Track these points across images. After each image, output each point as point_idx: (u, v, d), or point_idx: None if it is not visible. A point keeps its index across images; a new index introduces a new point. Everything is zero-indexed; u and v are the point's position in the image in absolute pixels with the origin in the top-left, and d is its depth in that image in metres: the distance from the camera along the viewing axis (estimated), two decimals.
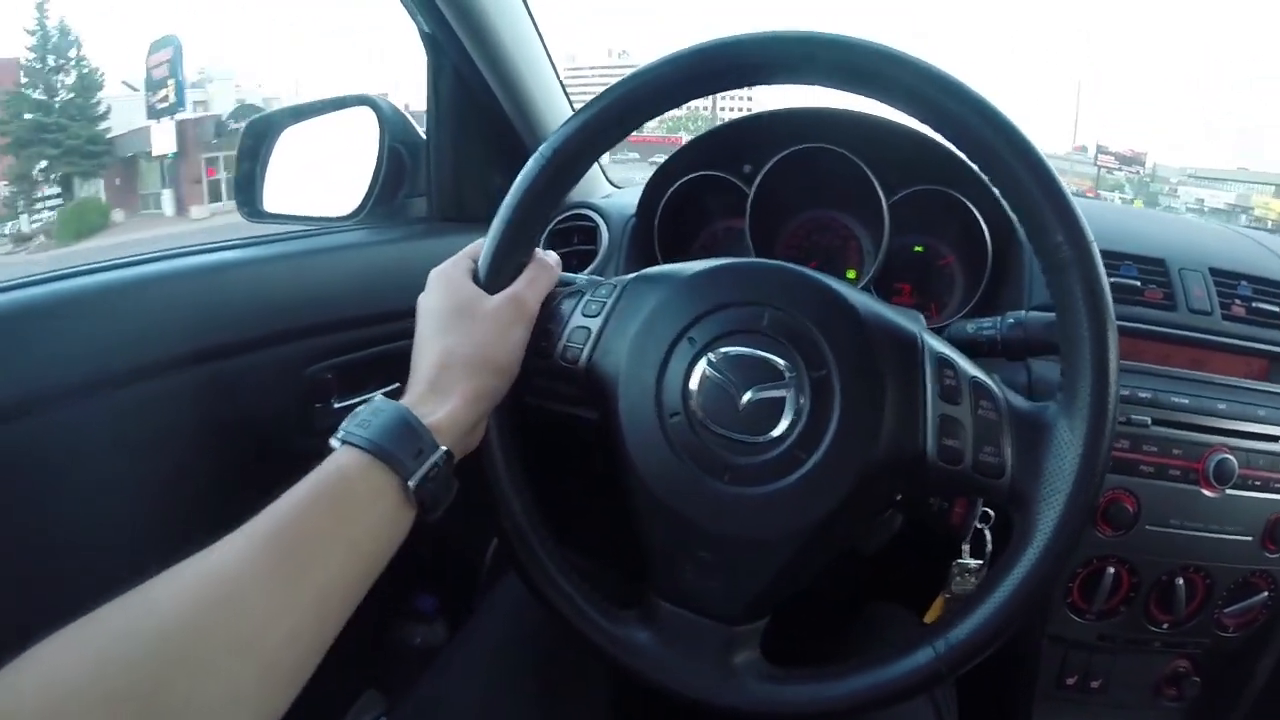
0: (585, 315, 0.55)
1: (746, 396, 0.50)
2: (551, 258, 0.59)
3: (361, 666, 0.98)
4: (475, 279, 0.55)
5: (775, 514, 0.49)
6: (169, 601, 0.36)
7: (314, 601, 0.40)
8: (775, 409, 0.49)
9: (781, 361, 0.50)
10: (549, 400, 0.58)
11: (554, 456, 0.83)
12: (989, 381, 0.51)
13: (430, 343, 0.52)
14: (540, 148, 0.54)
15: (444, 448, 0.47)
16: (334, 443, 0.45)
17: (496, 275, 0.54)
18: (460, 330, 0.51)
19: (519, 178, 0.55)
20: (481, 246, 0.56)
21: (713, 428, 0.50)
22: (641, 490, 0.51)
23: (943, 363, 0.51)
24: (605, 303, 0.55)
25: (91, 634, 0.34)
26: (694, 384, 0.51)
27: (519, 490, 0.56)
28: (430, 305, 0.53)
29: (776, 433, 0.49)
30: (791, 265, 0.54)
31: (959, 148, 0.50)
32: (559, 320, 0.56)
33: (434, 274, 0.55)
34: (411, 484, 0.44)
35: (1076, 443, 0.47)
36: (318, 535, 0.41)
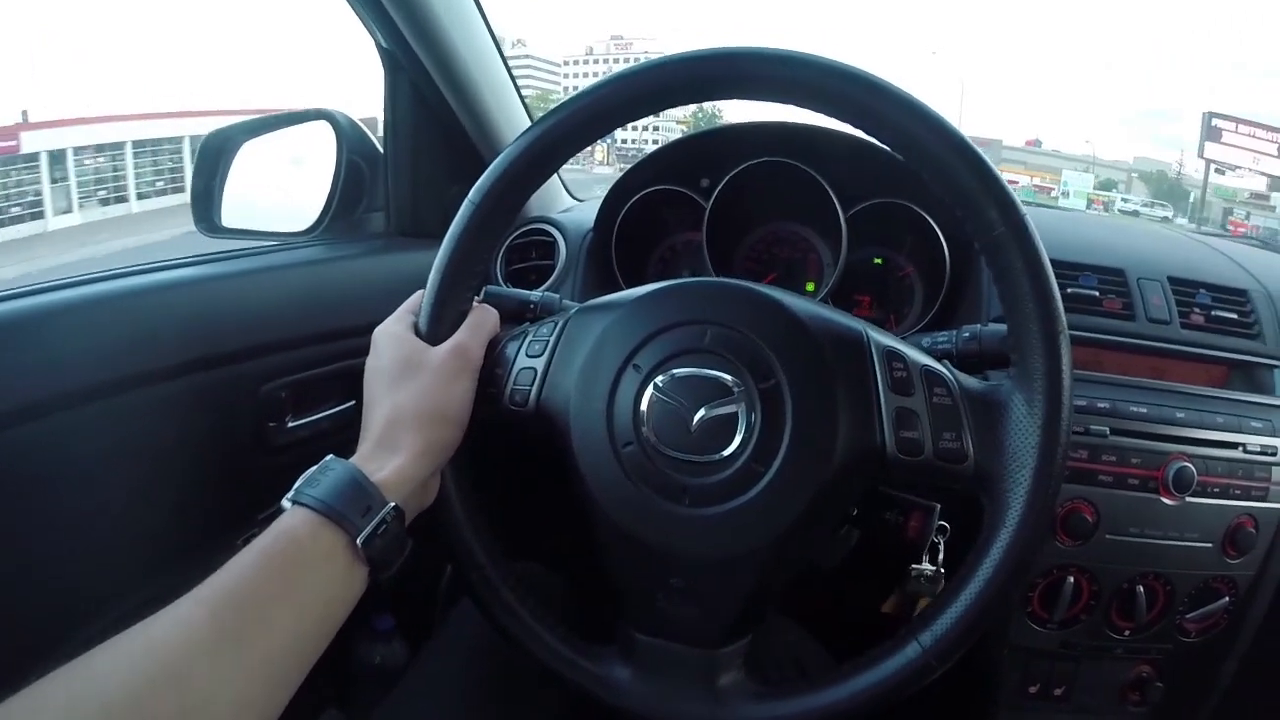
0: (529, 355, 0.55)
1: (698, 416, 0.49)
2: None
3: (322, 686, 0.97)
4: (417, 332, 0.54)
5: (739, 531, 0.49)
6: (112, 674, 0.35)
7: (262, 669, 0.39)
8: (727, 425, 0.49)
9: (728, 377, 0.49)
10: (506, 454, 0.58)
11: (519, 484, 0.83)
12: (940, 368, 0.51)
13: (378, 401, 0.51)
14: (469, 194, 0.54)
15: (392, 503, 0.46)
16: (285, 503, 0.45)
17: (437, 326, 0.54)
18: (406, 385, 0.51)
19: (451, 227, 0.54)
20: (420, 299, 0.55)
21: (667, 452, 0.49)
22: (604, 523, 0.51)
23: (891, 355, 0.50)
24: (548, 341, 0.55)
25: (35, 709, 0.33)
26: (644, 410, 0.50)
27: (483, 543, 0.55)
28: (376, 365, 0.53)
29: (730, 450, 0.49)
30: (730, 280, 0.54)
31: (886, 143, 0.50)
32: (504, 364, 0.55)
33: (377, 333, 0.55)
34: (359, 541, 0.44)
35: (1036, 415, 0.47)
36: (265, 601, 0.41)
